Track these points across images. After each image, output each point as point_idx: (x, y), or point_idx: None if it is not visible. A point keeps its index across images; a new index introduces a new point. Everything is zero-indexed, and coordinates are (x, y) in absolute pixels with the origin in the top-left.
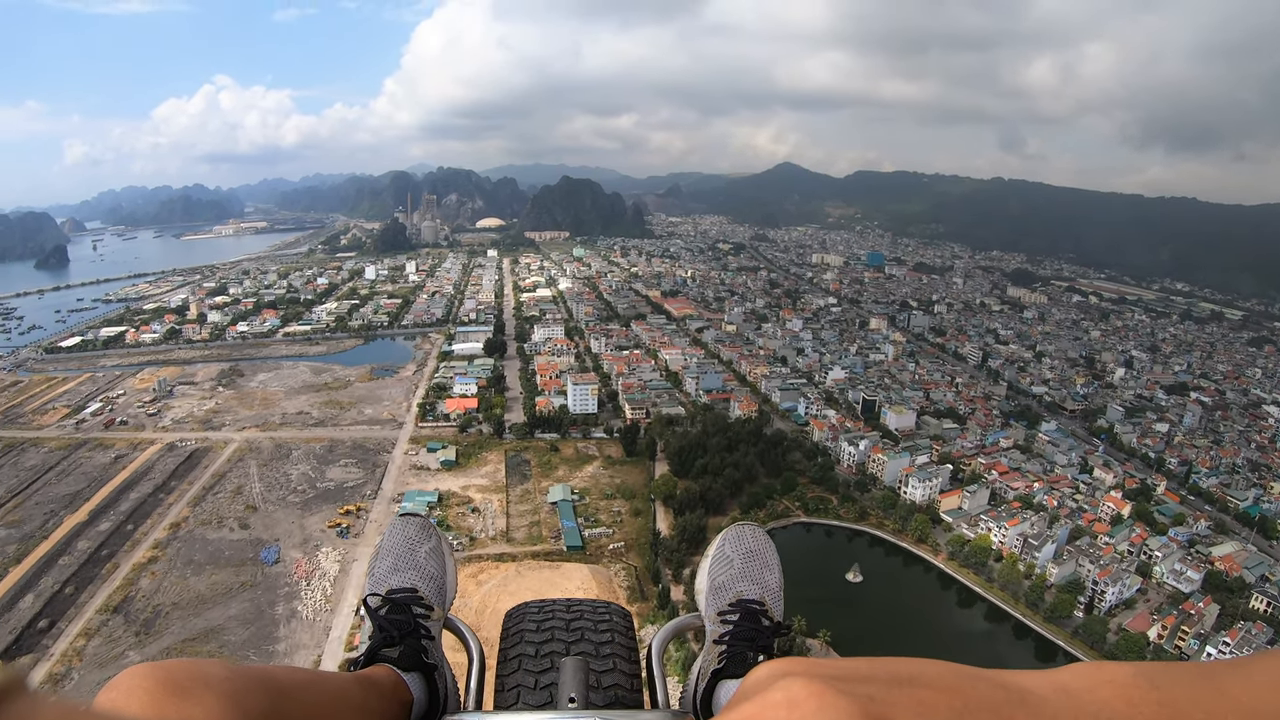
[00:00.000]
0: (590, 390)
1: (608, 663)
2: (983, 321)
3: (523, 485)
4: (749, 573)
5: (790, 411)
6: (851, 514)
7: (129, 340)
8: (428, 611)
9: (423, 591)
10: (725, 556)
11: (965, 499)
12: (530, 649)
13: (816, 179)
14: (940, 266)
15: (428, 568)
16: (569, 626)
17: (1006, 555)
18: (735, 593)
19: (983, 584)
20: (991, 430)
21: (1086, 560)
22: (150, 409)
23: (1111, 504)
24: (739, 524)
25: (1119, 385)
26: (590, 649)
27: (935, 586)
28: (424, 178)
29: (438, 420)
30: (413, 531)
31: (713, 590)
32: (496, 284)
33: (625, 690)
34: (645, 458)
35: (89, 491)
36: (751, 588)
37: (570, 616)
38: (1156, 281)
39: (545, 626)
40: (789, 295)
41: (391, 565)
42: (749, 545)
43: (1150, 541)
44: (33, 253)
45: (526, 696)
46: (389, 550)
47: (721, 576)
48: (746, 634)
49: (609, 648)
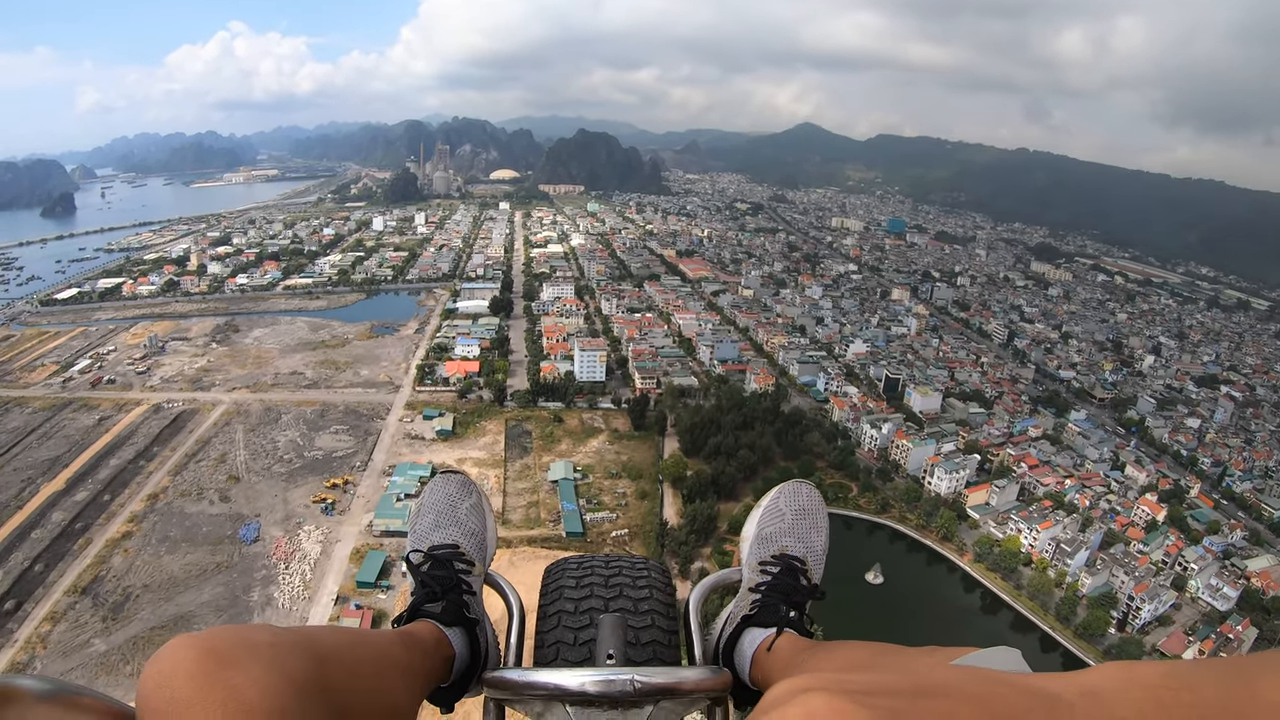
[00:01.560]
0: (599, 357)
1: (646, 619)
2: (1007, 297)
3: (522, 460)
4: (798, 530)
5: (809, 386)
6: (872, 505)
7: (126, 292)
8: (469, 567)
9: (464, 547)
10: (778, 509)
11: (993, 494)
12: (569, 605)
13: (837, 140)
14: (962, 236)
15: (469, 524)
16: (608, 583)
17: (1037, 561)
18: (780, 546)
19: (1010, 590)
20: (1020, 417)
21: (1121, 571)
22: (140, 366)
23: (1146, 508)
24: (796, 480)
25: (1148, 374)
26: (629, 605)
27: (959, 590)
28: (438, 127)
29: (436, 384)
30: (454, 489)
31: (759, 540)
32: (507, 238)
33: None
34: (654, 433)
35: (69, 457)
36: (797, 545)
37: (609, 573)
38: (1181, 264)
39: (584, 583)
40: (808, 260)
41: (433, 522)
42: (802, 503)
43: (1186, 552)
44: (41, 200)
45: (566, 652)
46: (430, 507)
47: (770, 528)
48: (783, 587)
49: (647, 604)
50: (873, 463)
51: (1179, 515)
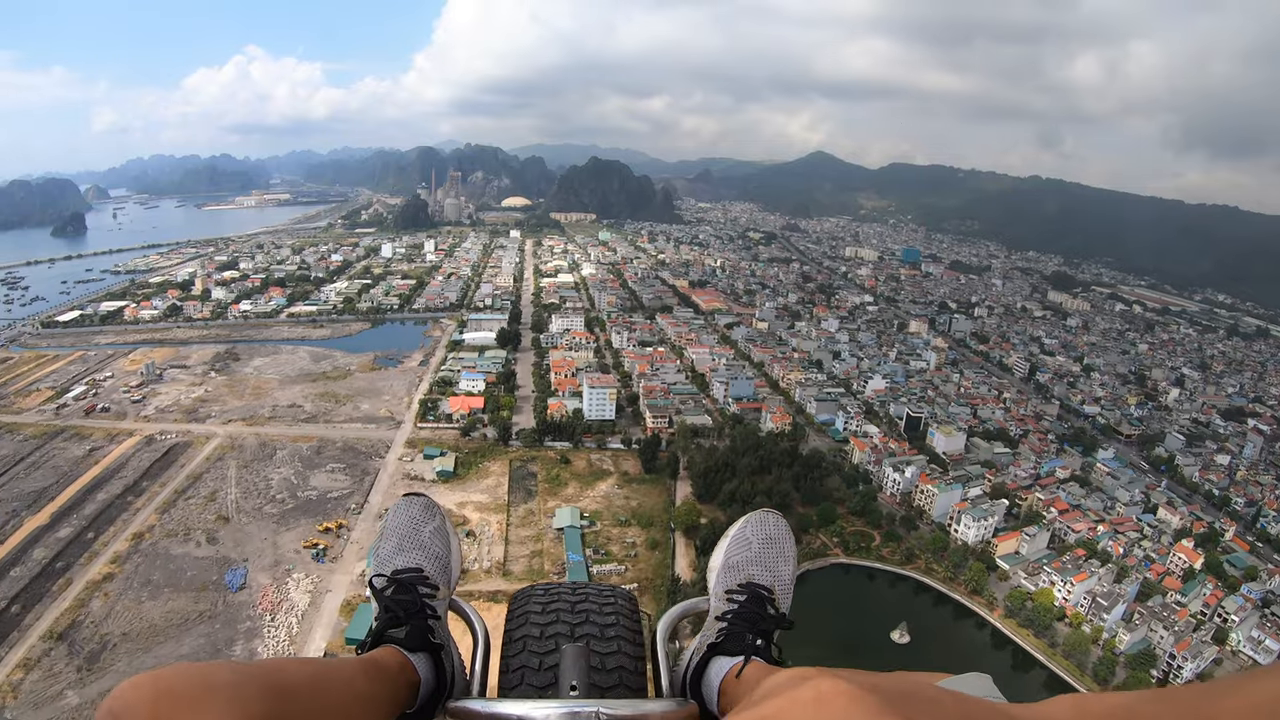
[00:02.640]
0: (608, 395)
1: (612, 645)
2: (1025, 328)
3: (527, 504)
4: (765, 559)
5: (827, 425)
6: (896, 555)
7: (128, 316)
8: (433, 591)
9: (428, 571)
10: (745, 538)
11: (1023, 543)
12: (535, 630)
13: (849, 169)
14: (977, 266)
15: (433, 547)
16: (574, 609)
17: (1071, 616)
18: (747, 575)
19: (1044, 648)
20: (1046, 457)
21: (1160, 625)
22: (135, 394)
23: (1183, 554)
24: (764, 510)
25: (1173, 408)
26: (595, 631)
27: (988, 647)
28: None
29: (439, 421)
30: (416, 511)
31: (726, 568)
32: (516, 267)
33: (629, 673)
34: (666, 476)
35: (55, 489)
36: (764, 574)
37: (575, 599)
38: (1198, 291)
39: (550, 609)
40: (823, 290)
41: (396, 546)
42: (770, 532)
43: (1225, 602)
44: (53, 220)
45: (530, 677)
46: (393, 531)
47: (737, 557)
48: (749, 616)
49: (613, 630)
50: (896, 509)
51: (1215, 561)
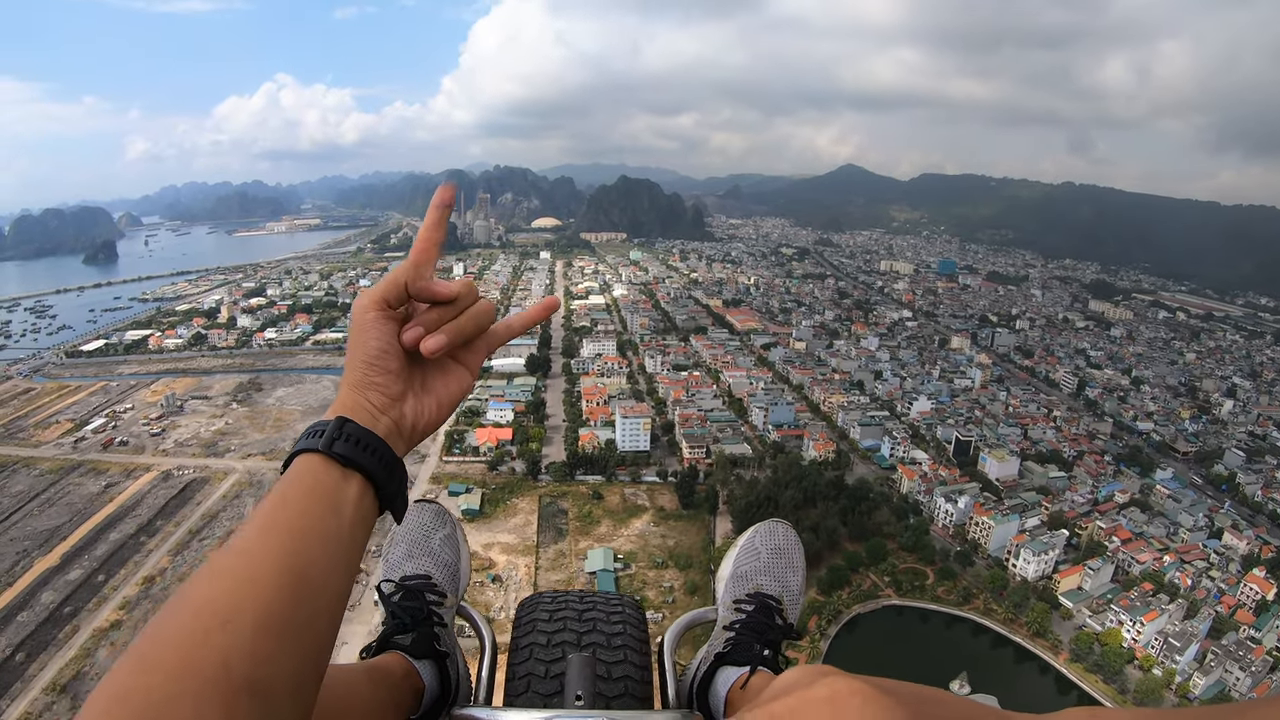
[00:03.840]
0: (642, 424)
1: (619, 654)
2: (1069, 340)
3: (557, 545)
4: (773, 569)
5: (872, 452)
6: (952, 595)
7: (152, 345)
8: (441, 599)
9: (436, 578)
10: (753, 548)
11: (1087, 577)
12: (542, 638)
13: (880, 181)
14: (1014, 276)
15: (442, 555)
16: (581, 617)
17: (1142, 658)
18: (755, 584)
19: (1114, 695)
20: (1104, 480)
21: (1236, 667)
22: (155, 427)
23: (1255, 585)
24: (772, 520)
25: (1229, 421)
26: (602, 640)
27: (1053, 694)
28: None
29: (465, 454)
30: (427, 518)
31: (734, 578)
32: (546, 289)
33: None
34: (705, 512)
35: (68, 528)
36: (773, 584)
37: (583, 608)
38: (1241, 295)
39: (558, 617)
40: (859, 307)
41: (405, 552)
42: (778, 543)
43: None
44: (85, 248)
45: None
46: (403, 537)
47: (745, 566)
48: (757, 626)
49: (620, 639)
50: (950, 543)
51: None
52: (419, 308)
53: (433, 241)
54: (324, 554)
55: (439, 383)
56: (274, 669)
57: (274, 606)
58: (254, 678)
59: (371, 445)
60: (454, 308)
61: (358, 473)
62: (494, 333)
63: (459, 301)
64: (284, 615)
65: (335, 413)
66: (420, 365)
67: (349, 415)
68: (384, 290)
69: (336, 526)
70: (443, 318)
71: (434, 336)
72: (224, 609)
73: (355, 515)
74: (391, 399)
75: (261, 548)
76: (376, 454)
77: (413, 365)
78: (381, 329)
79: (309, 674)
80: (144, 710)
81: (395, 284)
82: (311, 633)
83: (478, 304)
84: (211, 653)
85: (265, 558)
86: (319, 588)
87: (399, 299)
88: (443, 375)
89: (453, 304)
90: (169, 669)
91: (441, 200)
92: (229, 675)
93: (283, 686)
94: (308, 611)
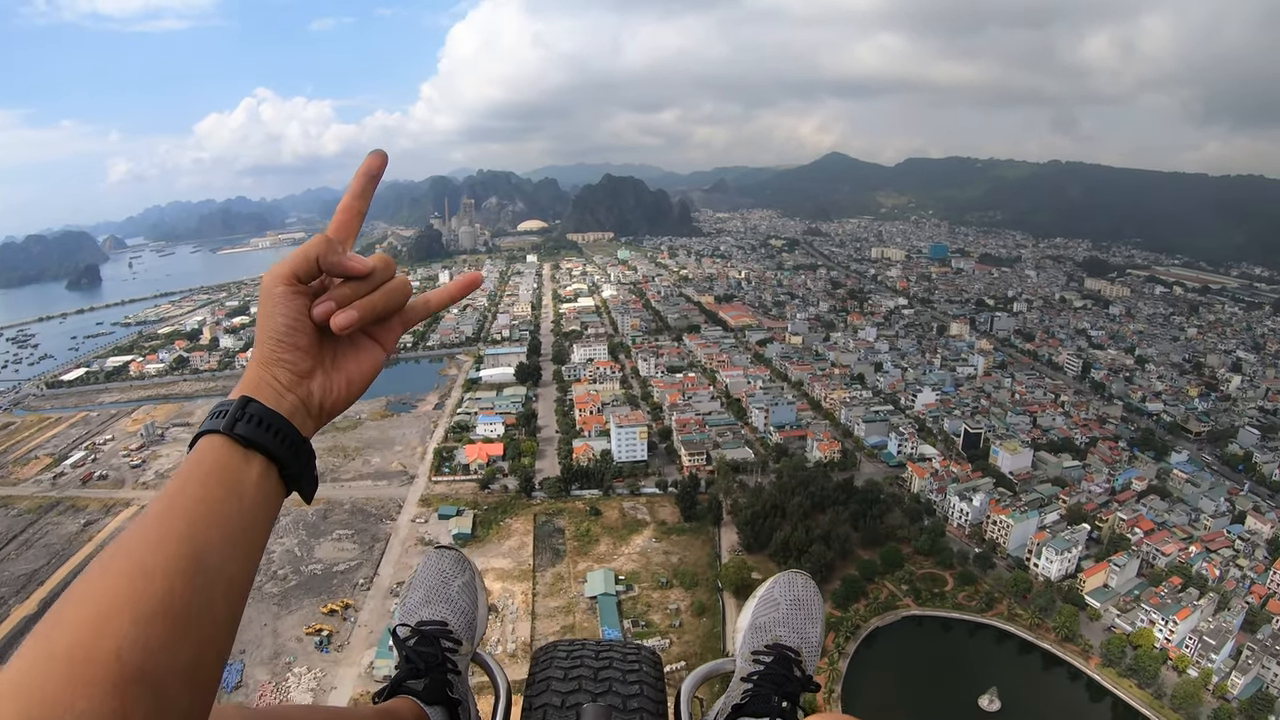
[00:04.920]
0: (638, 433)
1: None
2: (1069, 320)
3: (554, 567)
4: (792, 621)
5: (879, 449)
6: (974, 600)
7: (133, 372)
8: (456, 646)
9: (452, 625)
10: (773, 599)
11: (1112, 574)
12: (556, 699)
13: (866, 168)
14: (1007, 257)
15: (459, 602)
16: (597, 676)
17: (1175, 659)
18: (774, 636)
19: (1149, 701)
20: (1119, 467)
21: (1274, 662)
22: (135, 458)
23: None
24: (792, 571)
25: (1238, 397)
26: (618, 702)
27: (1084, 701)
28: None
29: (455, 473)
30: (447, 565)
31: (753, 629)
32: (534, 293)
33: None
34: (708, 523)
35: (46, 571)
36: (792, 635)
37: (599, 665)
38: (1235, 266)
39: (572, 675)
40: (854, 296)
41: (423, 597)
42: (797, 594)
43: None
44: (69, 273)
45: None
46: (422, 582)
47: (764, 618)
48: (776, 678)
49: (637, 700)
50: (967, 544)
51: None
52: (333, 282)
53: (353, 212)
54: (221, 538)
55: (350, 360)
56: (168, 658)
57: (168, 594)
58: (146, 667)
59: (274, 425)
60: (368, 283)
61: (260, 454)
62: (410, 309)
63: (373, 277)
64: (179, 603)
65: (240, 391)
66: (331, 342)
67: (253, 394)
68: (294, 264)
69: (237, 509)
70: (356, 293)
71: (345, 312)
72: (118, 598)
73: (257, 497)
74: (299, 376)
75: (157, 533)
76: (280, 434)
77: (323, 342)
78: (289, 304)
79: (207, 661)
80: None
81: (306, 258)
82: (209, 618)
83: (394, 280)
84: (105, 641)
85: (160, 544)
86: (215, 572)
87: (309, 274)
88: (355, 352)
89: (367, 279)
90: (63, 659)
91: (368, 169)
92: (121, 665)
93: (177, 675)
94: (204, 598)
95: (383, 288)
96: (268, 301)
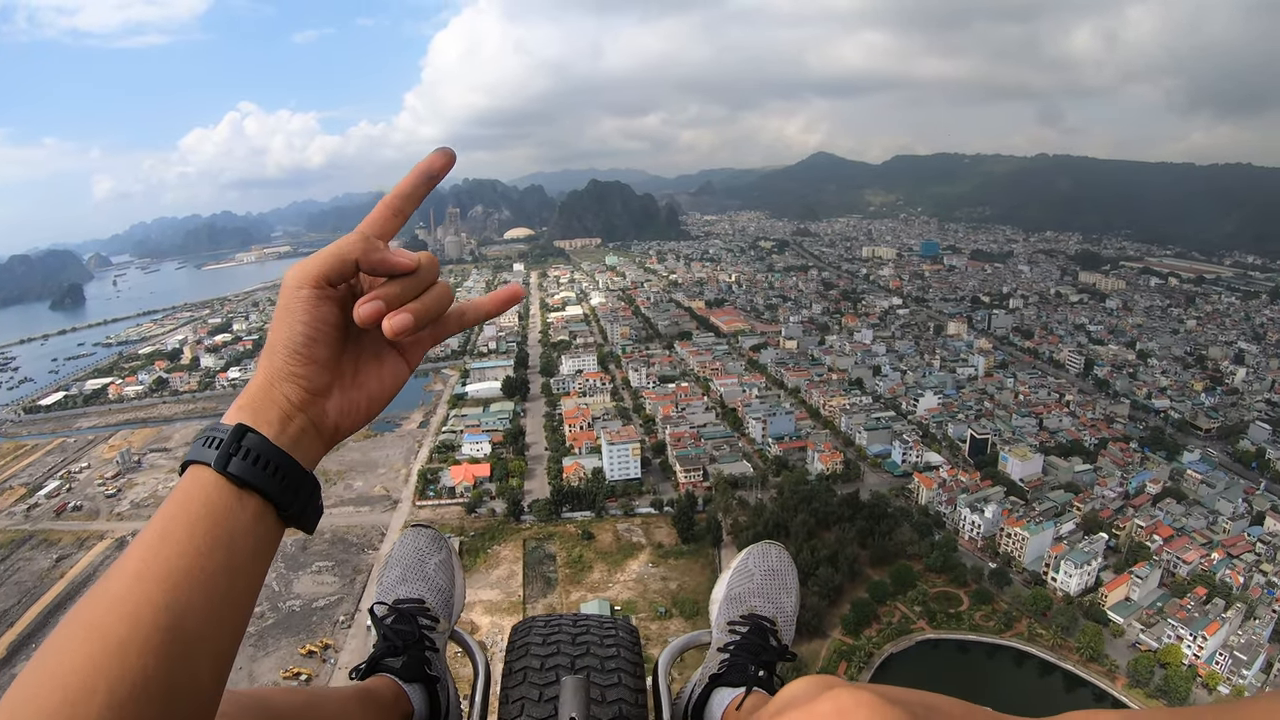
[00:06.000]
0: (631, 450)
1: (613, 677)
2: (1066, 316)
3: (546, 598)
4: (767, 590)
5: (883, 458)
6: (992, 620)
7: (112, 394)
8: (433, 623)
9: (429, 603)
10: (747, 570)
11: (1134, 586)
12: (535, 662)
13: (853, 167)
14: (999, 253)
15: (436, 580)
16: (575, 641)
17: (1206, 676)
18: (749, 606)
19: None
20: (1132, 470)
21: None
22: (110, 488)
23: None
24: (766, 542)
25: (1244, 390)
26: (595, 664)
27: None
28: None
29: (440, 496)
30: (423, 543)
31: (728, 600)
32: (522, 303)
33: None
34: (707, 544)
35: (16, 612)
36: (767, 605)
37: (576, 631)
38: (1227, 255)
39: (551, 641)
40: (847, 297)
41: (400, 575)
42: (772, 564)
43: None
44: (53, 293)
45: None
46: (398, 560)
47: (739, 589)
48: (752, 647)
49: (614, 662)
50: (980, 559)
51: None
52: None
53: (396, 210)
54: (205, 602)
55: (373, 375)
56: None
57: (142, 672)
58: None
59: (274, 462)
60: (415, 282)
61: (256, 494)
62: (446, 320)
63: (420, 275)
64: (156, 680)
65: (239, 411)
66: (352, 355)
67: (254, 418)
68: (324, 265)
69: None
70: (405, 292)
71: (399, 314)
72: (90, 678)
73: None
74: (313, 394)
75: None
76: (279, 473)
77: (344, 354)
78: (315, 310)
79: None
80: None
81: (340, 258)
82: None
83: (439, 284)
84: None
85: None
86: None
87: (342, 276)
88: (378, 367)
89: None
90: None
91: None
92: None
93: None
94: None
95: (431, 290)
96: (290, 304)
